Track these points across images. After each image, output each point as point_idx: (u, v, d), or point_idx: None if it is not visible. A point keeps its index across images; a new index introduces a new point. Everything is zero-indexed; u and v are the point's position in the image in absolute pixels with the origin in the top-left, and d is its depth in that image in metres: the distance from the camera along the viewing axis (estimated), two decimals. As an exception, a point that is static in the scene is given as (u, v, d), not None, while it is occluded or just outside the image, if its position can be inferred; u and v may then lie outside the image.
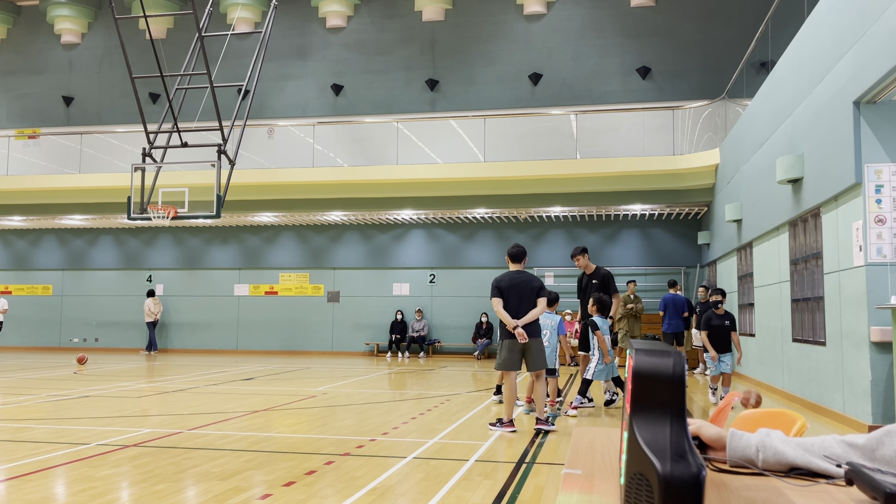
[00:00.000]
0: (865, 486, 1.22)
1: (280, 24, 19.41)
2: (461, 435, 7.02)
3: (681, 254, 18.20)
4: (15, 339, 21.09)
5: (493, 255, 18.97)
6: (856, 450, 1.37)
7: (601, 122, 16.83)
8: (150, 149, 12.81)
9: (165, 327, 20.58)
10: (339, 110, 19.90)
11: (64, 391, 10.56)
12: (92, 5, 21.89)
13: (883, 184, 7.05)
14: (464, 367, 15.75)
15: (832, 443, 1.40)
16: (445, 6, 19.66)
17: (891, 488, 1.15)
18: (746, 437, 1.43)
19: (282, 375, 13.46)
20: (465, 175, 16.30)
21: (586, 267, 9.40)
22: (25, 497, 4.55)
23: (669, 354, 1.11)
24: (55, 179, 18.11)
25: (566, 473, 1.36)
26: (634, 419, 1.09)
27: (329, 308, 19.76)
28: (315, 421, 7.93)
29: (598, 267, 9.44)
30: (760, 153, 11.02)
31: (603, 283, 9.18)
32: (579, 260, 9.40)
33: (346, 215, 18.26)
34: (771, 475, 1.39)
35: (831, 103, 7.75)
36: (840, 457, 1.37)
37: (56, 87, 21.76)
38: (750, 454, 1.41)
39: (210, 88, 11.93)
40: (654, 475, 1.03)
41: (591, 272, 9.38)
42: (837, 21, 7.66)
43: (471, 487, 4.89)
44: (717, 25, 17.95)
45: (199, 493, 4.72)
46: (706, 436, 1.47)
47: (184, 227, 20.37)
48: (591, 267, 9.42)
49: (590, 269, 9.40)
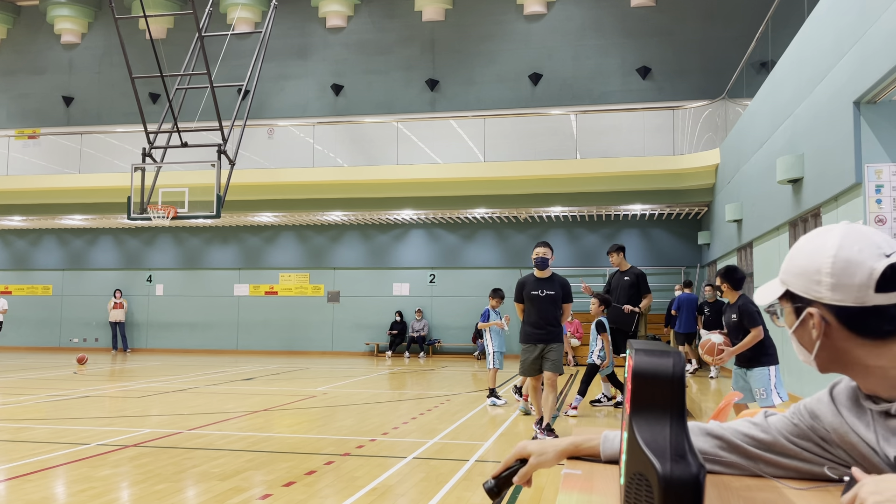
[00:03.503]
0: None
1: (280, 24, 19.40)
2: (461, 435, 7.02)
3: (681, 254, 18.20)
4: (15, 339, 21.09)
5: (493, 255, 18.97)
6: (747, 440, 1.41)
7: (601, 122, 16.82)
8: (150, 149, 12.81)
9: (166, 327, 20.58)
10: (339, 110, 19.90)
11: (64, 391, 10.56)
12: (92, 5, 21.90)
13: (883, 184, 7.05)
14: (464, 368, 15.75)
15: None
16: (445, 6, 19.66)
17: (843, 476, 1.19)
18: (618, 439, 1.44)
19: (282, 375, 13.46)
20: (465, 175, 16.30)
21: (620, 265, 9.43)
22: (25, 497, 4.55)
23: (669, 354, 1.11)
24: (55, 179, 18.11)
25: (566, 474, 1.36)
26: (634, 419, 1.09)
27: (329, 308, 19.76)
28: (315, 421, 7.93)
29: (632, 266, 9.47)
30: (760, 153, 11.02)
31: (636, 281, 9.22)
32: (614, 257, 9.42)
33: (346, 215, 18.26)
34: (771, 476, 1.39)
35: (831, 103, 7.75)
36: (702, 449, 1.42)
37: (56, 87, 21.76)
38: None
39: (210, 88, 11.93)
40: (654, 475, 1.03)
41: (624, 270, 9.41)
42: (837, 21, 7.66)
43: (471, 487, 4.89)
44: (717, 25, 17.95)
45: (199, 493, 4.72)
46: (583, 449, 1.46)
47: (184, 227, 20.37)
48: (626, 265, 9.45)
49: (623, 266, 9.43)
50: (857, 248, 1.24)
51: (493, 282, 18.48)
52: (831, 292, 1.25)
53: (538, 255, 7.22)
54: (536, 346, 7.10)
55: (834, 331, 1.27)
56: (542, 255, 7.21)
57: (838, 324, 1.26)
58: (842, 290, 1.24)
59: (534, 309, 7.15)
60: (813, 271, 1.27)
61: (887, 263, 1.22)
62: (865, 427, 1.30)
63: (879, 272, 1.22)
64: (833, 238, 1.27)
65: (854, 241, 1.25)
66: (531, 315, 7.18)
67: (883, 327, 1.23)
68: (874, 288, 1.22)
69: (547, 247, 7.30)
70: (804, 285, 1.28)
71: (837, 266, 1.24)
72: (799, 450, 1.38)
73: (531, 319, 7.17)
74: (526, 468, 1.40)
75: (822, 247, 1.27)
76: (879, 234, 1.26)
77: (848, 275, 1.23)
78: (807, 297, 1.29)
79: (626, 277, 9.29)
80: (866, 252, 1.23)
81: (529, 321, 7.20)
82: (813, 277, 1.27)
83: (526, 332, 7.21)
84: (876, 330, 1.24)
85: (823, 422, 1.36)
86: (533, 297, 7.15)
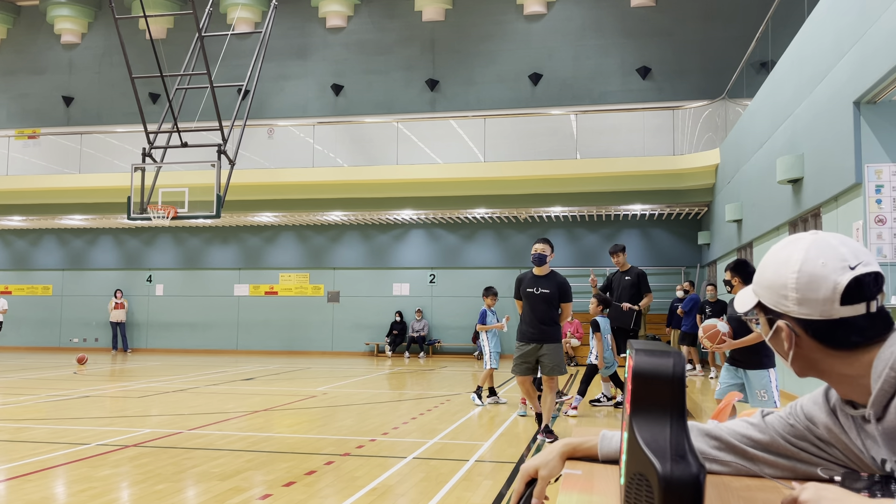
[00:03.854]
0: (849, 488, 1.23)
1: (280, 24, 19.39)
2: (461, 435, 7.02)
3: (681, 254, 18.20)
4: (15, 339, 21.09)
5: (493, 255, 18.97)
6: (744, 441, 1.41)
7: (601, 122, 16.82)
8: (150, 149, 12.81)
9: (166, 327, 20.58)
10: (339, 110, 19.90)
11: (64, 391, 10.56)
12: (92, 5, 21.89)
13: (883, 184, 7.05)
14: (464, 368, 15.74)
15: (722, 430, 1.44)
16: (445, 6, 19.65)
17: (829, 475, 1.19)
18: (616, 438, 1.44)
19: (282, 375, 13.46)
20: (465, 175, 16.29)
21: (622, 265, 9.46)
22: (25, 497, 4.55)
23: (669, 354, 1.11)
24: (55, 179, 18.11)
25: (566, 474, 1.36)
26: (634, 419, 1.09)
27: (329, 308, 19.76)
28: (315, 421, 7.93)
29: (633, 266, 9.52)
30: (760, 153, 11.02)
31: (637, 281, 9.25)
32: (618, 257, 9.44)
33: (346, 215, 18.26)
34: (769, 476, 1.39)
35: (831, 103, 7.75)
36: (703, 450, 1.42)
37: (56, 87, 21.76)
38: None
39: (210, 88, 11.93)
40: (654, 475, 1.03)
41: (625, 270, 9.44)
42: (837, 21, 7.65)
43: (471, 487, 4.89)
44: (717, 25, 17.95)
45: (199, 493, 4.72)
46: (581, 449, 1.45)
47: (184, 227, 20.37)
48: (626, 265, 9.48)
49: (625, 267, 9.46)
50: (820, 262, 1.24)
51: (494, 282, 18.47)
52: (798, 306, 1.26)
53: (536, 252, 7.06)
54: (529, 345, 6.97)
55: (804, 342, 1.28)
56: (540, 252, 7.04)
57: (807, 336, 1.27)
58: (808, 305, 1.25)
59: (528, 307, 7.04)
60: (779, 286, 1.28)
61: (851, 277, 1.22)
62: (853, 431, 1.31)
63: (843, 286, 1.22)
64: (797, 252, 1.27)
65: (818, 254, 1.25)
66: (526, 313, 7.08)
67: (850, 338, 1.24)
68: (839, 301, 1.23)
69: (546, 243, 7.12)
70: (773, 299, 1.30)
71: (801, 281, 1.25)
72: (796, 450, 1.38)
73: (526, 317, 7.07)
74: (539, 486, 1.39)
75: (787, 261, 1.28)
76: (846, 245, 1.26)
77: (812, 290, 1.24)
78: (776, 310, 1.30)
79: (627, 277, 9.34)
80: (830, 266, 1.24)
81: (525, 319, 7.09)
82: (780, 292, 1.28)
83: (521, 330, 7.09)
84: (844, 341, 1.24)
85: (818, 422, 1.36)
86: (528, 294, 7.03)
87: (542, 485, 1.38)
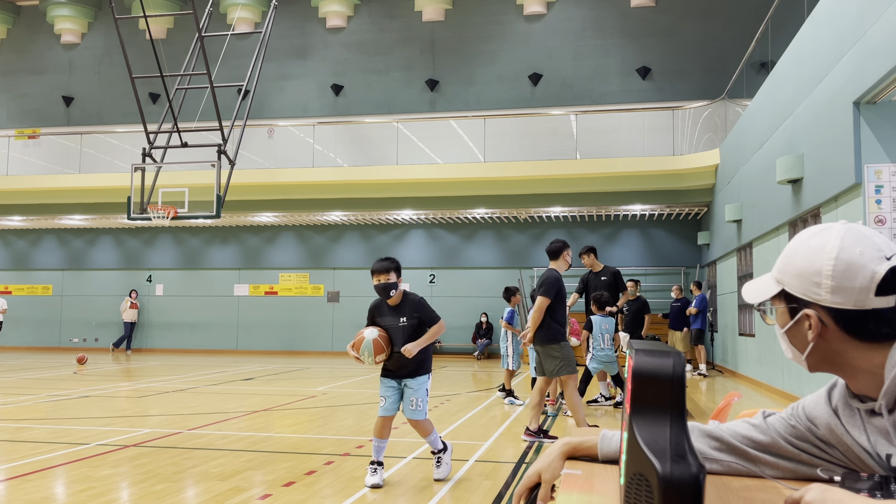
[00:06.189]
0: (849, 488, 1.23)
1: (280, 24, 19.40)
2: (461, 435, 7.02)
3: (681, 254, 18.20)
4: (15, 339, 21.09)
5: (494, 255, 18.97)
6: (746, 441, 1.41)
7: (601, 122, 16.83)
8: (150, 149, 12.81)
9: (166, 327, 20.58)
10: (339, 110, 19.90)
11: (64, 391, 10.56)
12: (92, 5, 21.90)
13: (883, 184, 7.05)
14: (464, 368, 15.74)
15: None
16: (445, 6, 19.66)
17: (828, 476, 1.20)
18: (616, 438, 1.44)
19: (282, 375, 13.46)
20: (465, 175, 16.30)
21: (593, 265, 9.45)
22: (25, 497, 4.55)
23: (669, 354, 1.11)
24: (55, 179, 18.11)
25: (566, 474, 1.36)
26: (634, 419, 1.09)
27: (329, 308, 19.76)
28: (315, 421, 7.93)
29: (606, 266, 9.52)
30: (760, 153, 11.02)
31: (614, 280, 9.25)
32: (586, 258, 9.43)
33: (346, 215, 18.26)
34: (770, 477, 1.39)
35: (831, 103, 7.75)
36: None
37: (56, 87, 21.76)
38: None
39: (210, 88, 11.93)
40: (654, 475, 1.03)
41: (598, 270, 9.43)
42: (837, 21, 7.66)
43: (471, 488, 4.89)
44: (717, 25, 17.95)
45: (199, 493, 4.72)
46: (582, 449, 1.45)
47: (184, 227, 20.37)
48: (599, 265, 9.48)
49: (597, 267, 9.46)
50: (858, 251, 1.22)
51: (493, 282, 18.50)
52: (831, 295, 1.23)
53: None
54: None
55: (830, 333, 1.26)
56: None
57: (836, 326, 1.25)
58: (842, 293, 1.23)
59: (561, 307, 6.75)
60: (812, 273, 1.25)
61: (889, 266, 1.21)
62: (858, 429, 1.30)
63: (881, 275, 1.20)
64: (833, 239, 1.25)
65: (855, 242, 1.23)
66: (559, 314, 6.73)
67: (881, 330, 1.22)
68: (875, 291, 1.21)
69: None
70: (802, 287, 1.27)
71: (839, 268, 1.22)
72: (797, 451, 1.38)
73: (560, 319, 6.73)
74: (542, 490, 1.39)
75: (823, 248, 1.25)
76: (879, 236, 1.25)
77: (849, 278, 1.22)
78: (804, 299, 1.27)
79: (604, 277, 9.32)
80: (868, 254, 1.22)
81: (559, 321, 6.72)
82: (812, 279, 1.25)
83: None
84: (874, 333, 1.23)
85: (820, 423, 1.36)
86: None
87: (546, 488, 1.38)
